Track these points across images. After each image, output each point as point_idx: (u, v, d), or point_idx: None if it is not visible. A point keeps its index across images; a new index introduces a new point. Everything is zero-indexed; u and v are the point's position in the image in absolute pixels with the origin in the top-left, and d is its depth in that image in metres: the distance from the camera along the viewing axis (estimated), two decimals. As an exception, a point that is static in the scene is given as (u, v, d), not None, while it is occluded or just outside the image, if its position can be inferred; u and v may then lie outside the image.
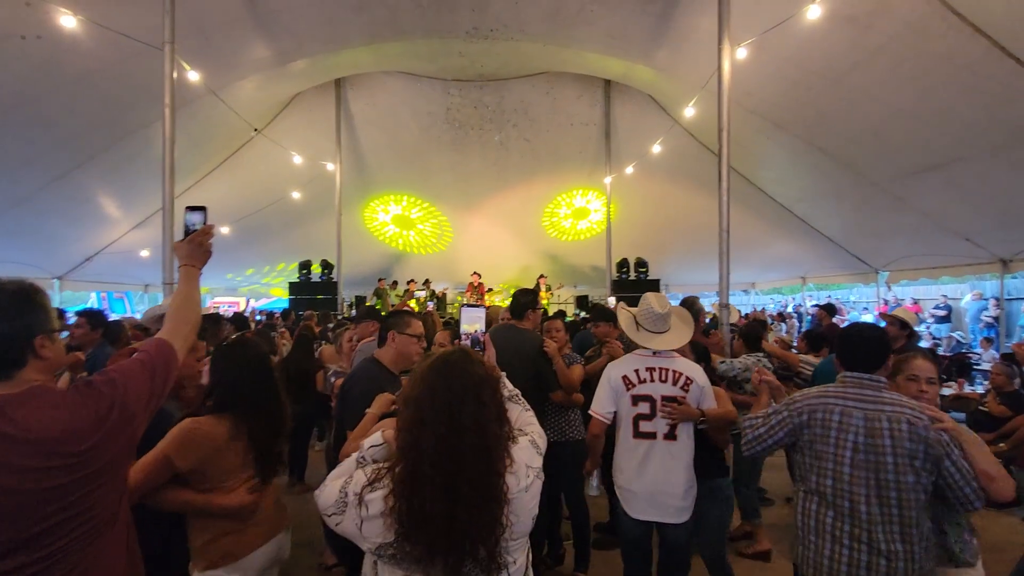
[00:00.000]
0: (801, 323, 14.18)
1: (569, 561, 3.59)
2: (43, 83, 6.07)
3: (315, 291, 12.01)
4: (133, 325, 4.44)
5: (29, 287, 1.27)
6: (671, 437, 2.59)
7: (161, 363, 1.38)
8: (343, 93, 10.79)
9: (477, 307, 1.94)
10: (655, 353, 2.68)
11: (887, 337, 2.17)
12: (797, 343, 6.20)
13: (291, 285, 12.30)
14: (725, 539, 2.99)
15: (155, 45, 5.20)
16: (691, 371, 2.65)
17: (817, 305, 9.66)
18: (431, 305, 11.93)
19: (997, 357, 6.82)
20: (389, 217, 14.05)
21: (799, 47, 6.03)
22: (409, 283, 12.79)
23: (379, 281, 12.87)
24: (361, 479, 1.34)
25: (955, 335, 11.70)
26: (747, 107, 7.52)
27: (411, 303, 11.71)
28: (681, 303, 4.22)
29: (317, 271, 12.23)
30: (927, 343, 10.78)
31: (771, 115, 7.76)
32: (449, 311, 13.04)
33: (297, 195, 11.25)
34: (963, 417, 5.38)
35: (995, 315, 10.53)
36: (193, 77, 6.50)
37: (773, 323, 10.02)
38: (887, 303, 12.83)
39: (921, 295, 14.01)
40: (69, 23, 5.19)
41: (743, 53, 5.76)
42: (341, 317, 9.63)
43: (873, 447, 1.90)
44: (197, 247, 1.61)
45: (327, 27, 7.42)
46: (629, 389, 2.65)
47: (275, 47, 7.50)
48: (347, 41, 7.97)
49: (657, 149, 9.78)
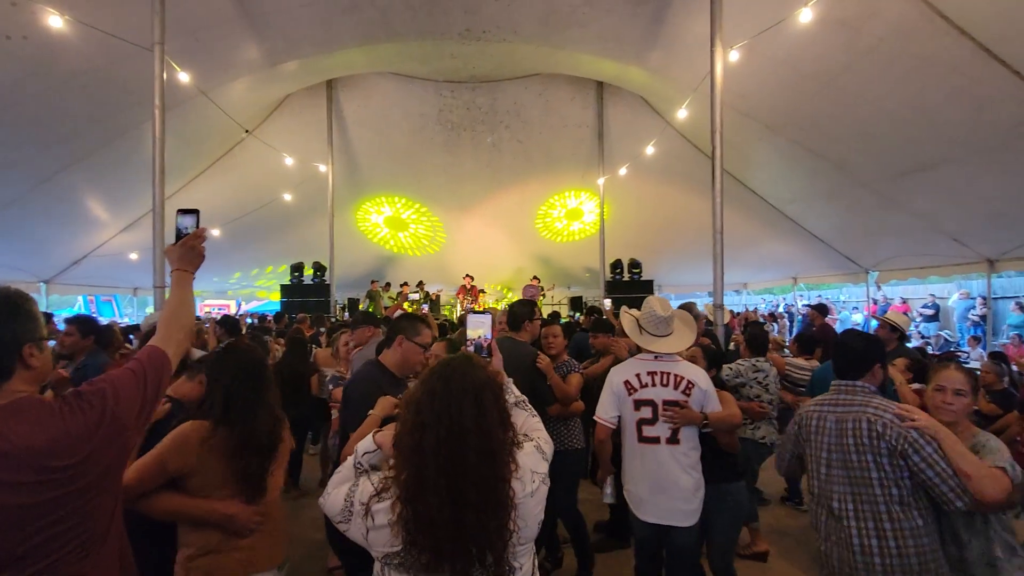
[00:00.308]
0: (792, 323, 14.30)
1: (568, 564, 3.57)
2: (29, 84, 5.98)
3: (307, 294, 11.93)
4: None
5: (16, 294, 1.23)
6: (674, 441, 2.60)
7: (153, 371, 1.34)
8: (335, 94, 10.74)
9: (483, 313, 1.93)
10: (657, 357, 2.69)
11: (874, 346, 2.18)
12: (789, 345, 6.24)
13: (283, 288, 12.20)
14: (733, 546, 2.95)
15: (144, 46, 5.13)
16: (693, 375, 2.65)
17: (808, 305, 9.73)
18: (425, 308, 11.88)
19: (985, 355, 6.90)
20: (382, 219, 13.99)
21: (791, 50, 6.07)
22: (402, 286, 12.73)
23: (372, 283, 12.81)
24: (368, 489, 1.32)
25: (943, 334, 11.85)
26: (739, 109, 7.57)
27: (405, 306, 11.67)
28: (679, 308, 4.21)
29: (309, 273, 12.15)
30: (916, 342, 10.90)
31: (763, 117, 7.81)
32: (443, 313, 12.99)
33: (289, 197, 11.17)
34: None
35: (982, 314, 10.68)
36: (183, 78, 6.43)
37: (764, 323, 10.08)
38: (876, 303, 12.98)
39: (909, 294, 14.17)
40: (56, 23, 5.11)
41: (735, 56, 5.80)
42: (335, 321, 9.57)
43: (841, 447, 2.02)
44: (189, 251, 1.57)
45: (319, 28, 7.36)
46: (631, 394, 2.67)
47: (266, 48, 7.44)
48: (339, 42, 7.93)
49: (650, 151, 9.82)
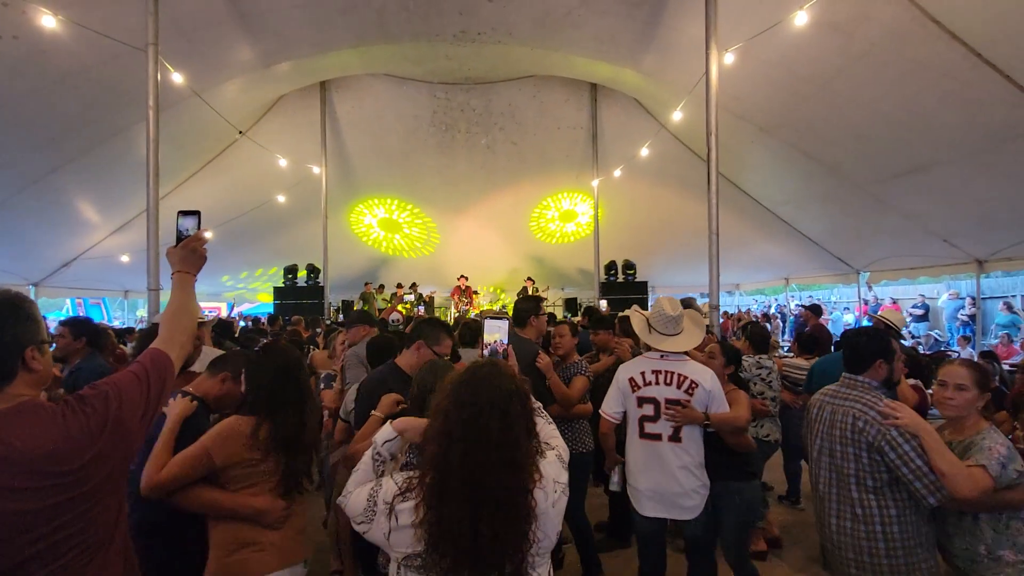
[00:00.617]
0: (785, 323, 14.41)
1: (568, 565, 3.56)
2: (20, 84, 5.91)
3: (301, 296, 11.86)
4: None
5: (17, 296, 1.21)
6: (676, 439, 2.65)
7: (156, 374, 1.33)
8: (328, 96, 10.68)
9: (500, 318, 1.91)
10: (663, 356, 2.72)
11: (875, 343, 2.22)
12: (790, 346, 6.27)
13: (276, 290, 12.12)
14: (743, 544, 2.96)
15: (138, 46, 5.08)
16: (698, 375, 2.67)
17: (802, 305, 9.81)
18: (420, 309, 11.84)
19: (974, 354, 6.99)
20: (375, 221, 13.94)
21: (785, 53, 6.13)
22: (397, 288, 12.68)
23: (365, 285, 12.74)
24: (392, 488, 1.32)
25: (933, 333, 12.00)
26: (733, 111, 7.62)
27: (399, 308, 11.62)
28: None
29: (303, 275, 12.06)
30: (907, 342, 11.02)
31: (757, 119, 7.88)
32: (437, 315, 12.95)
33: (282, 198, 11.11)
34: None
35: (971, 314, 10.83)
36: (176, 79, 6.38)
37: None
38: (867, 303, 13.12)
39: (900, 295, 14.34)
40: (49, 23, 5.05)
41: (730, 58, 5.84)
42: (330, 322, 9.51)
43: (830, 437, 2.16)
44: (191, 253, 1.56)
45: (312, 29, 7.34)
46: (635, 390, 2.72)
47: (260, 49, 7.40)
48: (333, 43, 7.90)
49: (644, 153, 9.86)
